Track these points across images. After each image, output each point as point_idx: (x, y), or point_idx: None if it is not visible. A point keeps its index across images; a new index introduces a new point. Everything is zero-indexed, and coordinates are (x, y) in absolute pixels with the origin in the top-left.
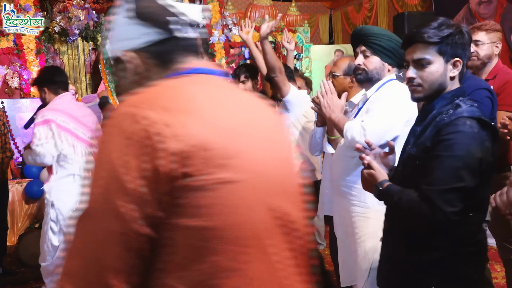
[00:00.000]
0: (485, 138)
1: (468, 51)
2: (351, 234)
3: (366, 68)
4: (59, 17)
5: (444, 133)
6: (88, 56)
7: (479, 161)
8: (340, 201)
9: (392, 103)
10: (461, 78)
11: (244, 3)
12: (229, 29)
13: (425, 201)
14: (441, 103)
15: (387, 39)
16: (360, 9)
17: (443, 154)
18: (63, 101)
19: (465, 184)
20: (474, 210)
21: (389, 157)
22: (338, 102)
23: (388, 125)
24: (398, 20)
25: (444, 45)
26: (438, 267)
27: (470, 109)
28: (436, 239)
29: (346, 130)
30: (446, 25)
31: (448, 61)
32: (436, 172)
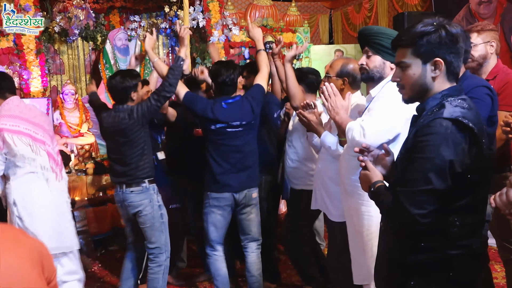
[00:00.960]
0: (460, 140)
1: (456, 49)
2: (359, 233)
3: (367, 67)
4: (59, 17)
5: (419, 134)
6: (88, 56)
7: (450, 164)
8: (347, 200)
9: (392, 102)
10: (455, 78)
11: (244, 3)
12: (229, 29)
13: (397, 203)
14: (431, 104)
15: (387, 37)
16: (360, 9)
17: (415, 156)
18: (11, 106)
19: (433, 186)
20: (459, 214)
21: (387, 158)
22: (342, 103)
23: (387, 124)
24: (398, 20)
25: (418, 47)
26: (427, 268)
27: (453, 110)
28: (425, 241)
29: (347, 131)
30: (423, 26)
31: (427, 62)
32: (407, 174)
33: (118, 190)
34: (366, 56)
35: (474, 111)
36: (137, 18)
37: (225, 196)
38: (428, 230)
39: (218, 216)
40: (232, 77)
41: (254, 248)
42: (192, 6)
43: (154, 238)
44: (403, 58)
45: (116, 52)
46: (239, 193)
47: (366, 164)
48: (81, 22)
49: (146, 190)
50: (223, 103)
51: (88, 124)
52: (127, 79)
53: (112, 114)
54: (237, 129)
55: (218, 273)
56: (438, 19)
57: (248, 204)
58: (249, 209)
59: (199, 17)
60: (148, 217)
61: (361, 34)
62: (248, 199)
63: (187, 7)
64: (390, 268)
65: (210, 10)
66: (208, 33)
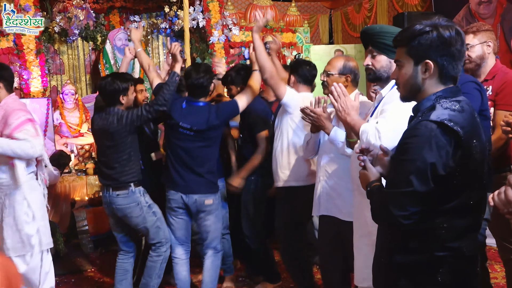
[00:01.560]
0: (444, 143)
1: (449, 52)
2: (365, 235)
3: (373, 68)
4: (59, 17)
5: (405, 136)
6: (88, 56)
7: (431, 166)
8: (361, 200)
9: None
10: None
11: (244, 3)
12: (229, 29)
13: (381, 204)
14: (425, 105)
15: (392, 35)
16: (360, 9)
17: (399, 158)
18: (18, 100)
19: (414, 189)
20: (446, 216)
21: (385, 158)
22: (352, 104)
23: (402, 126)
24: (398, 20)
25: (410, 47)
26: (414, 270)
27: (441, 113)
28: (412, 242)
29: (361, 133)
30: (418, 27)
31: (419, 63)
32: (391, 175)
33: (105, 193)
34: (371, 56)
35: (467, 114)
36: (137, 18)
37: (175, 197)
38: (415, 231)
39: (171, 219)
40: (201, 81)
41: (209, 254)
42: (192, 6)
43: (152, 235)
44: (399, 57)
45: (116, 52)
46: (187, 196)
47: (365, 164)
48: (81, 22)
49: (132, 193)
50: (184, 102)
51: (88, 124)
52: (117, 82)
53: (103, 116)
54: (188, 131)
55: (177, 277)
56: (436, 20)
57: (202, 210)
58: (203, 215)
59: (199, 17)
60: (139, 219)
61: (364, 34)
62: (200, 205)
63: (187, 7)
64: (380, 269)
65: (210, 10)
66: (208, 33)
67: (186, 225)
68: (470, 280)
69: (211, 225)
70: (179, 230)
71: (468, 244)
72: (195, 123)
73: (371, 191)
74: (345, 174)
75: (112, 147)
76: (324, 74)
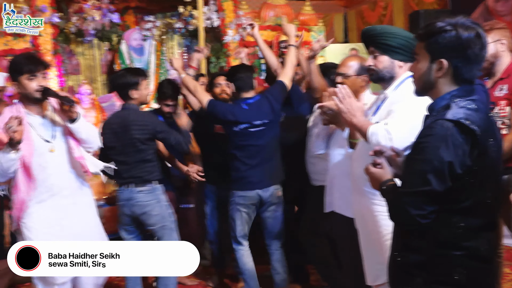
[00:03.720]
0: (460, 142)
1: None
2: (374, 233)
3: (376, 68)
4: (75, 18)
5: (420, 135)
6: (103, 56)
7: (449, 165)
8: (361, 200)
9: (414, 103)
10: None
11: (258, 2)
12: (243, 28)
13: (397, 203)
14: (439, 104)
15: (394, 36)
16: (375, 8)
17: (414, 157)
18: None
19: (431, 188)
20: (463, 215)
21: (398, 159)
22: (357, 105)
23: (413, 126)
24: (413, 18)
25: (428, 44)
26: (420, 268)
27: (456, 111)
28: (418, 241)
29: (370, 135)
30: (439, 24)
31: (434, 60)
32: (407, 175)
33: (125, 189)
34: (373, 57)
35: (482, 113)
36: (152, 18)
37: (251, 194)
38: (431, 230)
39: (244, 214)
40: (248, 75)
41: (278, 246)
42: (206, 6)
43: (166, 237)
44: (417, 51)
45: (131, 52)
46: (264, 190)
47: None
48: (97, 22)
49: (154, 190)
50: (242, 104)
51: None
52: (127, 76)
53: (119, 114)
54: (260, 128)
55: (245, 267)
56: (460, 20)
57: (274, 203)
58: (274, 208)
59: (213, 16)
60: (158, 217)
61: (365, 35)
62: (274, 197)
63: (201, 6)
64: (395, 268)
65: (224, 9)
66: (222, 32)
67: (252, 220)
68: (487, 281)
69: (280, 217)
70: (247, 225)
71: (484, 244)
72: (264, 116)
73: (386, 190)
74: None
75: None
76: (340, 76)
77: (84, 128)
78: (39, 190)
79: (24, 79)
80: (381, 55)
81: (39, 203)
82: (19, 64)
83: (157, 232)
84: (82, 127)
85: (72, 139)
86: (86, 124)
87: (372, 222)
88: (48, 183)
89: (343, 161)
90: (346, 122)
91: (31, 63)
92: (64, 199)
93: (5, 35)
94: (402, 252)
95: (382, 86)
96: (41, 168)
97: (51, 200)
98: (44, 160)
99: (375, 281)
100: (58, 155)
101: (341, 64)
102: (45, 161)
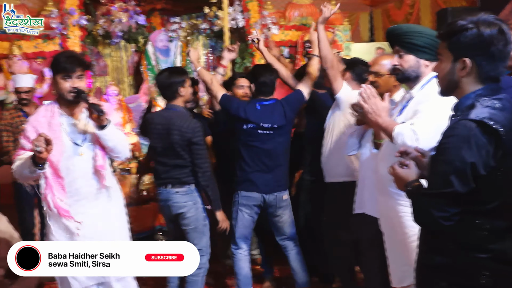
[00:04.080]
0: (483, 143)
1: (488, 52)
2: (400, 234)
3: (401, 68)
4: (103, 20)
5: (443, 136)
6: (130, 58)
7: (471, 166)
8: (386, 201)
9: (440, 102)
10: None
11: (283, 2)
12: (268, 28)
13: (420, 205)
14: (464, 103)
15: (419, 35)
16: (401, 6)
17: (437, 158)
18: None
19: (454, 189)
20: (487, 217)
21: (424, 160)
22: (382, 105)
23: (439, 126)
24: (441, 16)
25: (451, 43)
26: (445, 271)
27: (480, 111)
28: (443, 243)
29: (396, 135)
30: (460, 22)
31: (457, 59)
32: (430, 176)
33: (162, 189)
34: (399, 56)
35: (508, 112)
36: (178, 20)
37: (254, 195)
38: (456, 232)
39: (246, 215)
40: (272, 79)
41: (293, 246)
42: (231, 6)
43: (196, 240)
44: (440, 51)
45: (157, 53)
46: (268, 194)
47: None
48: (124, 24)
49: (191, 192)
50: (257, 104)
51: (132, 124)
52: (173, 75)
53: (165, 115)
54: (268, 131)
55: (240, 272)
56: (481, 17)
57: (279, 206)
58: (281, 211)
59: (238, 17)
60: (192, 219)
61: (390, 34)
62: (279, 201)
63: (226, 7)
64: (421, 270)
65: (249, 9)
66: (247, 32)
67: (254, 223)
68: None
69: (288, 219)
70: (248, 228)
71: (511, 247)
72: (275, 121)
73: (411, 190)
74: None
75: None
76: (373, 74)
77: (112, 137)
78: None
79: (59, 78)
80: (407, 54)
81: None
82: (57, 62)
83: (188, 233)
84: (110, 135)
85: (99, 147)
86: (116, 133)
87: (398, 223)
88: (74, 188)
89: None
90: (371, 122)
91: (68, 62)
92: (90, 204)
93: (35, 38)
94: (427, 254)
95: (408, 86)
96: (68, 171)
97: (78, 206)
98: (71, 163)
99: (400, 283)
100: (86, 160)
101: (374, 62)
102: (72, 164)
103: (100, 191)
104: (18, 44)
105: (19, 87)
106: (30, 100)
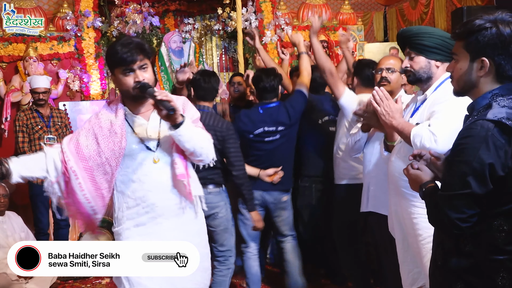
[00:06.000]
0: (501, 143)
1: (507, 51)
2: (412, 236)
3: (413, 69)
4: (117, 22)
5: (459, 136)
6: None
7: (490, 167)
8: (399, 202)
9: (457, 103)
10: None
11: (296, 3)
12: (282, 29)
13: (437, 207)
14: (480, 103)
15: (429, 36)
16: (416, 5)
17: (454, 159)
18: None
19: (471, 190)
20: (505, 218)
21: (438, 162)
22: (396, 107)
23: (458, 127)
24: (456, 16)
25: (468, 42)
26: (471, 274)
27: (498, 111)
28: (459, 244)
29: (414, 137)
30: (478, 21)
31: (475, 59)
32: (446, 177)
33: None
34: (409, 58)
35: None
36: (191, 21)
37: (255, 195)
38: (472, 234)
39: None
40: (273, 84)
41: (290, 239)
42: (244, 7)
43: (226, 241)
44: (455, 51)
45: (171, 54)
46: (268, 194)
47: (419, 166)
48: (138, 26)
49: (223, 192)
50: (259, 108)
51: None
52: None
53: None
54: (272, 135)
55: (250, 271)
56: (499, 15)
57: (279, 207)
58: (279, 212)
59: (251, 17)
60: (223, 220)
61: (400, 37)
62: (278, 202)
63: (239, 8)
64: (436, 272)
65: (262, 10)
66: (260, 33)
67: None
68: None
69: (287, 218)
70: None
71: None
72: (278, 123)
73: (426, 192)
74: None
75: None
76: (385, 70)
77: (189, 136)
78: (136, 210)
79: (119, 73)
80: (417, 55)
81: (137, 226)
82: (112, 54)
83: (218, 234)
84: (186, 135)
85: (178, 151)
86: (194, 131)
87: (410, 224)
88: (147, 203)
89: (379, 163)
90: (385, 124)
91: (126, 51)
92: (168, 222)
93: (51, 39)
94: (442, 256)
95: (420, 87)
96: (140, 182)
97: (153, 224)
98: (142, 172)
99: (412, 285)
100: (162, 167)
101: (385, 59)
102: (144, 174)
103: (182, 206)
104: (34, 46)
105: (36, 88)
106: (46, 101)
